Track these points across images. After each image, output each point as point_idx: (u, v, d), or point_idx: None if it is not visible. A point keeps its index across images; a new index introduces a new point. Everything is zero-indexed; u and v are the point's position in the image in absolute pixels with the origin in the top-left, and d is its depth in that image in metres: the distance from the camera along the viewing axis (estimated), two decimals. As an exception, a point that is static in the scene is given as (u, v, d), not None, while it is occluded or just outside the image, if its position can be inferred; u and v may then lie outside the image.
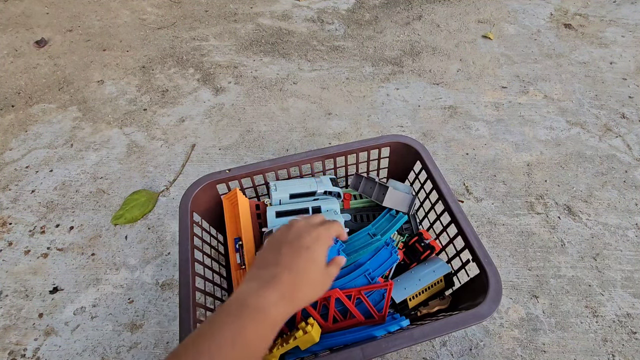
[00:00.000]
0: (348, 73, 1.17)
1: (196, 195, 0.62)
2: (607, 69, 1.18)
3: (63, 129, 1.00)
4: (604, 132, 1.00)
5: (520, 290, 0.71)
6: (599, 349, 0.64)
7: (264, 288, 0.36)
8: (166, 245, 0.77)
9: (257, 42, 1.29)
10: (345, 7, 1.45)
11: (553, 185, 0.88)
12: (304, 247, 0.39)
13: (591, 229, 0.80)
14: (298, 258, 0.39)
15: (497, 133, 0.99)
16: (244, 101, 1.08)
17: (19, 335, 0.66)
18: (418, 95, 1.10)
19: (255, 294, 0.35)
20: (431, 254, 0.64)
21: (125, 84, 1.13)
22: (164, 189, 0.87)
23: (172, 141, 0.97)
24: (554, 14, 1.41)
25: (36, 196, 0.86)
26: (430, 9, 1.43)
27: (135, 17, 1.38)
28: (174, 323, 0.67)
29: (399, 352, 0.64)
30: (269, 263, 0.39)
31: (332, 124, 1.01)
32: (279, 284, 0.36)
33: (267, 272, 0.38)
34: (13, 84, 1.12)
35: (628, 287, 0.72)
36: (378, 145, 0.69)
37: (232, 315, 0.33)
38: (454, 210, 0.58)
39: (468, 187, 0.87)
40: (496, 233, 0.79)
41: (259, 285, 0.36)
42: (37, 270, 0.74)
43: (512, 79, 1.15)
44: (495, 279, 0.50)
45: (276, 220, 0.63)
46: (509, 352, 0.64)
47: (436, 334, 0.46)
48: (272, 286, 0.36)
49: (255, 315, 0.34)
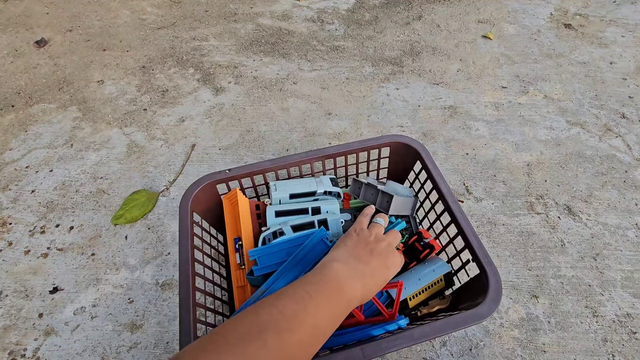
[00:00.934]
0: (348, 73, 1.17)
1: (196, 195, 0.62)
2: (607, 69, 1.18)
3: (63, 129, 1.00)
4: (604, 132, 1.00)
5: (520, 290, 0.71)
6: (599, 349, 0.64)
7: (357, 281, 0.41)
8: (166, 245, 0.77)
9: (257, 42, 1.29)
10: (345, 7, 1.45)
11: (553, 185, 0.88)
12: (389, 265, 0.46)
13: (591, 229, 0.80)
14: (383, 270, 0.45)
15: (497, 133, 0.99)
16: (244, 101, 1.08)
17: (19, 335, 0.66)
18: (418, 95, 1.10)
19: (350, 284, 0.41)
20: (431, 253, 0.63)
21: (125, 84, 1.13)
22: (164, 189, 0.87)
23: (172, 141, 0.97)
24: (554, 14, 1.41)
25: (36, 196, 0.86)
26: (430, 9, 1.43)
27: (135, 17, 1.38)
28: (174, 323, 0.67)
29: (399, 352, 0.64)
30: (361, 259, 0.44)
31: (332, 124, 1.01)
32: (364, 282, 0.42)
33: (360, 266, 0.43)
34: (13, 84, 1.12)
35: (628, 287, 0.72)
36: (378, 145, 0.69)
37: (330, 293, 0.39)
38: (454, 210, 0.58)
39: (468, 187, 0.87)
40: (496, 233, 0.79)
41: (352, 276, 0.41)
42: (37, 270, 0.74)
43: (512, 79, 1.15)
44: (495, 279, 0.50)
45: (276, 220, 0.63)
46: (509, 352, 0.64)
47: (436, 334, 0.46)
48: (361, 283, 0.42)
49: (345, 304, 0.40)
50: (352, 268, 0.42)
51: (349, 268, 0.42)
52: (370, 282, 0.43)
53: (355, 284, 0.41)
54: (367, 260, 0.44)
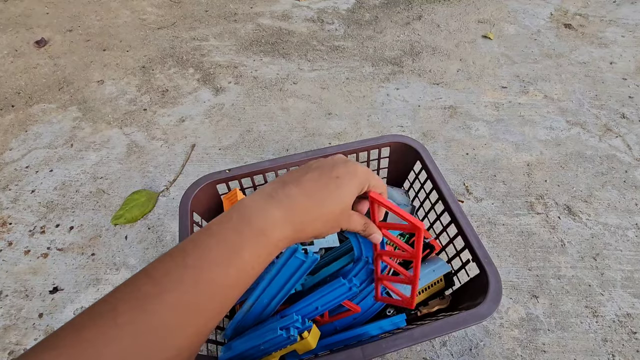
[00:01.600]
0: (348, 73, 1.17)
1: (196, 195, 0.62)
2: (607, 69, 1.18)
3: (63, 129, 1.00)
4: (604, 132, 1.00)
5: (520, 290, 0.71)
6: (599, 349, 0.64)
7: (272, 206, 0.31)
8: (166, 245, 0.77)
9: (257, 42, 1.29)
10: (345, 7, 1.45)
11: (553, 185, 0.88)
12: (333, 177, 0.34)
13: (591, 229, 0.80)
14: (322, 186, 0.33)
15: (497, 133, 0.99)
16: (244, 101, 1.08)
17: (19, 336, 0.66)
18: (418, 95, 1.10)
19: (261, 212, 0.31)
20: (431, 252, 0.63)
21: (125, 84, 1.13)
22: (164, 189, 0.87)
23: (172, 141, 0.97)
24: (554, 13, 1.41)
25: (36, 196, 0.86)
26: (430, 9, 1.43)
27: (135, 17, 1.38)
28: (174, 323, 0.67)
29: (399, 352, 0.64)
30: (287, 182, 0.33)
31: (332, 124, 1.01)
32: (291, 206, 0.32)
33: (283, 190, 0.32)
34: (13, 84, 1.12)
35: (628, 287, 0.72)
36: (378, 145, 0.69)
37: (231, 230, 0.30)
38: (454, 210, 0.58)
39: (468, 187, 0.87)
40: (496, 233, 0.79)
41: (266, 202, 0.31)
42: (37, 270, 0.74)
43: (512, 79, 1.15)
44: (495, 279, 0.50)
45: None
46: (509, 352, 0.64)
47: (436, 334, 0.46)
48: (282, 206, 0.31)
49: (257, 237, 0.30)
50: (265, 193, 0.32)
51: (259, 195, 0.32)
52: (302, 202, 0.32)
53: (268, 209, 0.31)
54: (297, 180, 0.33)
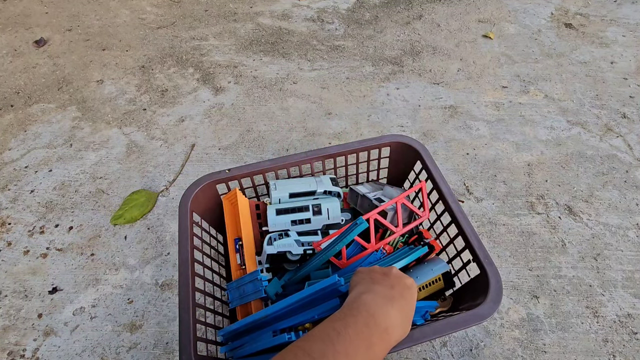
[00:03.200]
0: (348, 73, 1.17)
1: (196, 195, 0.62)
2: (608, 69, 1.17)
3: (62, 129, 1.00)
4: (604, 132, 0.99)
5: (521, 290, 0.71)
6: (600, 350, 0.64)
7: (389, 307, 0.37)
8: (166, 245, 0.77)
9: (257, 42, 1.28)
10: (345, 7, 1.44)
11: (554, 185, 0.88)
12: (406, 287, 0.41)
13: (592, 229, 0.80)
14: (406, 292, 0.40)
15: (497, 133, 0.99)
16: (243, 101, 1.08)
17: (18, 336, 0.66)
18: (418, 95, 1.10)
19: (383, 311, 0.37)
20: (431, 252, 0.63)
21: (125, 83, 1.13)
22: (164, 189, 0.87)
23: (172, 141, 0.97)
24: (555, 13, 1.40)
25: (35, 196, 0.86)
26: (431, 8, 1.43)
27: (134, 17, 1.38)
28: (174, 323, 0.67)
29: (399, 352, 0.63)
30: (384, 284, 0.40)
31: (332, 124, 1.01)
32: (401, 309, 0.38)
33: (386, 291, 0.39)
34: (12, 84, 1.12)
35: (629, 288, 0.71)
36: (378, 145, 0.69)
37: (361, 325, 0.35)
38: (455, 210, 0.58)
39: (468, 187, 0.87)
40: (497, 233, 0.79)
41: (383, 302, 0.38)
42: (37, 271, 0.74)
43: (513, 79, 1.15)
44: (495, 279, 0.50)
45: (276, 219, 0.63)
46: (510, 352, 0.64)
47: (436, 335, 0.46)
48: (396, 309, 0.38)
49: (383, 334, 0.36)
50: (380, 295, 0.39)
51: (376, 296, 0.39)
52: (402, 304, 0.39)
53: (388, 310, 0.37)
54: (390, 284, 0.41)
